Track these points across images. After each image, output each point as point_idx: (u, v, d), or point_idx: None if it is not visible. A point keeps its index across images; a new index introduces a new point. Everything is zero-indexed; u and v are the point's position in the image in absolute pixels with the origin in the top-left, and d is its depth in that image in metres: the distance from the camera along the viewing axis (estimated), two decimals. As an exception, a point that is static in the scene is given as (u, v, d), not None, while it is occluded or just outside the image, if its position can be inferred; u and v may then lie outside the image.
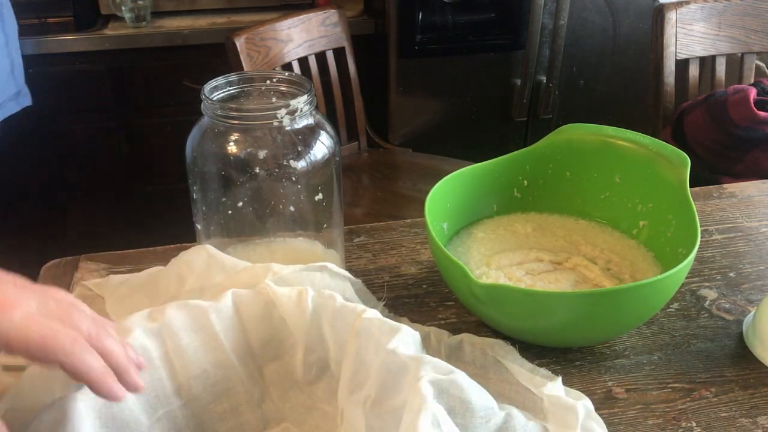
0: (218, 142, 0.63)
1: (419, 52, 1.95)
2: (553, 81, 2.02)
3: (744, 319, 0.69)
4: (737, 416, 0.58)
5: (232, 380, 0.55)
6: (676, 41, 1.50)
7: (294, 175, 0.64)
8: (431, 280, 0.75)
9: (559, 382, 0.57)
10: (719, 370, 0.63)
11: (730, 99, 1.41)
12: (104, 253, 0.79)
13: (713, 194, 0.90)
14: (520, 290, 0.62)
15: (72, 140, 1.82)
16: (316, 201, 0.66)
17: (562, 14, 1.90)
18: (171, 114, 1.83)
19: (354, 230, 0.83)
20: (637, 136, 0.75)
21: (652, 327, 0.68)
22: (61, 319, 0.45)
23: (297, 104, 0.62)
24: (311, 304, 0.56)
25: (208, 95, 0.63)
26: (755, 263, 0.77)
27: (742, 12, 1.54)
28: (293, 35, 1.59)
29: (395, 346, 0.51)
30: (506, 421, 0.51)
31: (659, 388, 0.61)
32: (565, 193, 0.79)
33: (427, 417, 0.46)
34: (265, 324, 0.57)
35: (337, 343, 0.56)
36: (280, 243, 0.69)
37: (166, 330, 0.53)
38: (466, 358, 0.62)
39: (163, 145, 1.85)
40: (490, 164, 0.76)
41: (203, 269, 0.63)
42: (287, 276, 0.60)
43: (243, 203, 0.66)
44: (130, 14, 1.75)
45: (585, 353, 0.65)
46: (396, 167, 1.86)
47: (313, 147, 0.64)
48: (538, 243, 0.75)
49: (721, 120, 1.42)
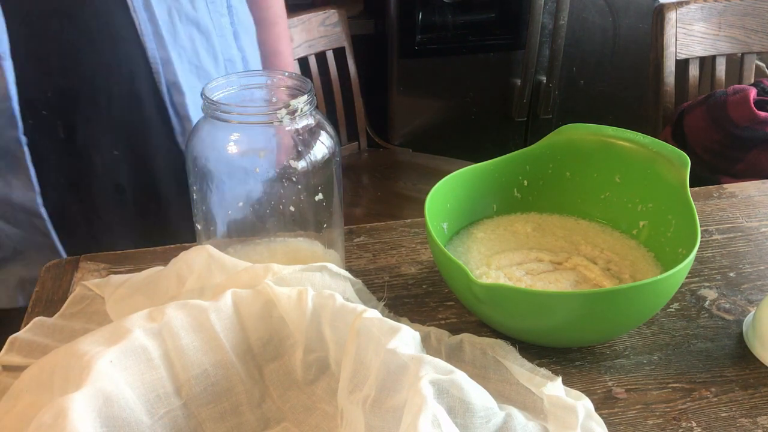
0: (218, 142, 0.63)
1: (419, 52, 1.95)
2: (553, 81, 2.02)
3: (744, 319, 0.69)
4: (737, 416, 0.58)
5: (232, 380, 0.55)
6: (676, 41, 1.50)
7: (294, 175, 0.64)
8: (431, 280, 0.75)
9: (559, 382, 0.57)
10: (719, 370, 0.63)
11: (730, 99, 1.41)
12: (104, 253, 0.79)
13: (713, 194, 0.90)
14: (520, 290, 0.62)
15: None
16: (316, 201, 0.66)
17: (562, 14, 1.90)
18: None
19: (354, 230, 0.83)
20: (637, 136, 0.75)
21: (652, 327, 0.68)
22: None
23: (297, 104, 0.62)
24: (311, 304, 0.56)
25: (208, 95, 0.63)
26: (755, 263, 0.77)
27: (742, 12, 1.54)
28: (293, 35, 1.59)
29: (395, 345, 0.51)
30: (506, 421, 0.51)
31: (659, 388, 0.61)
32: (565, 193, 0.79)
33: (427, 417, 0.46)
34: (265, 324, 0.57)
35: (337, 343, 0.56)
36: (280, 243, 0.69)
37: (166, 330, 0.53)
38: (466, 358, 0.62)
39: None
40: (490, 164, 0.76)
41: (203, 269, 0.63)
42: (287, 276, 0.60)
43: (243, 203, 0.66)
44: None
45: (585, 353, 0.65)
46: (396, 167, 1.86)
47: (313, 147, 0.64)
48: (538, 243, 0.75)
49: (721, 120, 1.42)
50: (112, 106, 0.85)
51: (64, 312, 0.68)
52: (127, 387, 0.50)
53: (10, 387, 0.55)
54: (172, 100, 0.88)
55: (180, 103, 0.89)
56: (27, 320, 0.67)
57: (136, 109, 0.87)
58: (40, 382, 0.53)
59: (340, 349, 0.56)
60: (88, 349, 0.51)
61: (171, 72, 0.87)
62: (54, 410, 0.46)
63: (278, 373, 0.58)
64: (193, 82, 0.89)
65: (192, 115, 0.90)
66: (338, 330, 0.56)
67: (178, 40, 0.87)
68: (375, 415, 0.50)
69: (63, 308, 0.68)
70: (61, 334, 0.65)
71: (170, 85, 0.87)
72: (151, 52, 0.85)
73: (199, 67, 0.90)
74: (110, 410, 0.49)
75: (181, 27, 0.88)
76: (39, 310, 0.70)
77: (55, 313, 0.68)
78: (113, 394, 0.49)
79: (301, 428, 0.57)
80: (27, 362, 0.60)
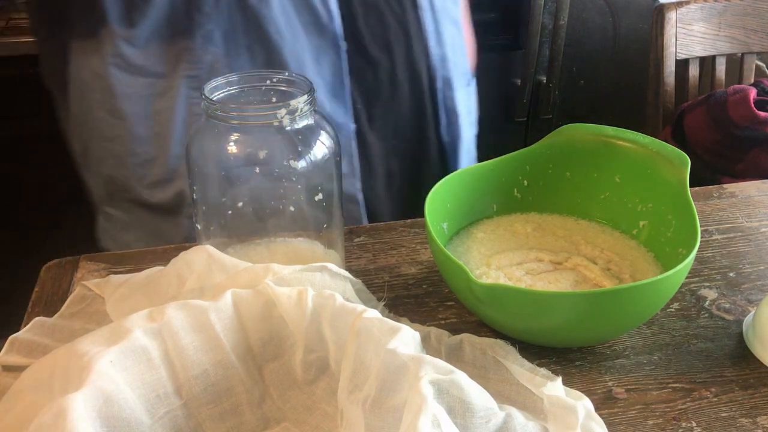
0: (218, 142, 0.63)
1: (419, 52, 1.94)
2: (553, 81, 2.02)
3: (744, 319, 0.69)
4: (737, 416, 0.58)
5: (232, 380, 0.55)
6: (676, 41, 1.50)
7: (294, 175, 0.64)
8: (431, 280, 0.75)
9: (559, 382, 0.57)
10: (719, 370, 0.63)
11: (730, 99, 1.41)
12: (104, 253, 0.79)
13: (713, 194, 0.90)
14: (520, 290, 0.62)
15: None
16: (316, 201, 0.66)
17: (562, 14, 1.90)
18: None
19: (354, 230, 0.83)
20: (637, 136, 0.75)
21: (652, 327, 0.68)
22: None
23: (297, 104, 0.62)
24: (311, 304, 0.56)
25: (208, 95, 0.63)
26: (755, 263, 0.77)
27: (742, 12, 1.54)
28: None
29: (395, 345, 0.51)
30: (506, 422, 0.51)
31: (659, 388, 0.61)
32: (565, 193, 0.79)
33: (427, 417, 0.46)
34: (264, 324, 0.57)
35: (336, 343, 0.56)
36: (280, 243, 0.69)
37: (166, 330, 0.53)
38: (466, 358, 0.62)
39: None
40: (490, 164, 0.76)
41: (203, 269, 0.63)
42: (287, 276, 0.60)
43: (243, 203, 0.66)
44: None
45: (585, 353, 0.65)
46: (396, 167, 1.85)
47: (313, 147, 0.64)
48: (538, 243, 0.75)
49: (721, 120, 1.42)
50: (401, 98, 0.91)
51: (64, 312, 0.68)
52: (127, 387, 0.50)
53: (10, 387, 0.55)
54: (444, 95, 0.95)
55: (450, 97, 0.96)
56: (27, 320, 0.67)
57: (417, 101, 0.93)
58: (40, 382, 0.53)
59: (340, 349, 0.56)
60: (88, 349, 0.51)
61: (446, 68, 0.94)
62: (54, 410, 0.46)
63: (278, 373, 0.58)
64: (458, 77, 0.97)
65: (459, 109, 0.97)
66: (338, 330, 0.56)
67: (446, 38, 0.94)
68: (375, 415, 0.50)
69: (63, 308, 0.68)
70: (61, 334, 0.65)
71: (444, 81, 0.94)
72: (432, 49, 0.92)
73: (456, 63, 0.97)
74: (110, 410, 0.49)
75: (446, 25, 0.94)
76: (39, 310, 0.70)
77: (55, 313, 0.68)
78: (113, 394, 0.49)
79: (301, 428, 0.57)
80: (27, 362, 0.59)
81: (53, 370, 0.52)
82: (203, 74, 0.82)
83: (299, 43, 0.84)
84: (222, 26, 0.81)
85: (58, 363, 0.52)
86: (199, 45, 0.81)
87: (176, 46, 0.82)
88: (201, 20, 0.80)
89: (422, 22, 0.91)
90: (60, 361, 0.52)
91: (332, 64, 0.86)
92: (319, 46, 0.85)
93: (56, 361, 0.52)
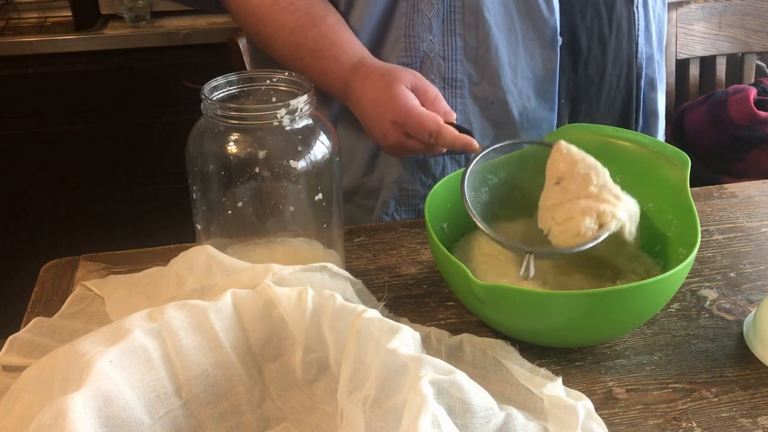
0: (218, 142, 0.63)
1: (419, 52, 1.94)
2: (553, 81, 2.01)
3: (744, 319, 0.69)
4: (738, 416, 0.58)
5: (232, 380, 0.55)
6: (676, 41, 1.50)
7: (294, 175, 0.64)
8: (431, 280, 0.75)
9: (559, 382, 0.57)
10: (720, 370, 0.63)
11: (730, 99, 1.41)
12: (104, 253, 0.79)
13: (713, 194, 0.90)
14: (520, 290, 0.62)
15: (72, 140, 1.82)
16: (316, 201, 0.66)
17: (562, 14, 1.90)
18: (171, 114, 1.83)
19: (354, 230, 0.83)
20: (637, 136, 0.75)
21: (652, 327, 0.68)
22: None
23: (297, 104, 0.62)
24: (311, 304, 0.56)
25: (208, 95, 0.63)
26: (756, 263, 0.77)
27: (742, 12, 1.54)
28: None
29: (395, 346, 0.51)
30: (506, 422, 0.51)
31: (660, 389, 0.61)
32: (566, 193, 0.78)
33: (427, 417, 0.46)
34: (264, 324, 0.57)
35: (336, 343, 0.56)
36: (280, 243, 0.69)
37: (166, 330, 0.53)
38: (466, 358, 0.62)
39: (163, 145, 1.84)
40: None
41: (203, 269, 0.63)
42: (287, 276, 0.60)
43: (243, 203, 0.66)
44: (129, 14, 1.75)
45: (585, 353, 0.65)
46: (396, 167, 1.85)
47: (313, 147, 0.64)
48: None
49: (722, 120, 1.42)
50: (607, 96, 0.89)
51: (63, 312, 0.68)
52: (127, 387, 0.50)
53: (10, 387, 0.55)
54: (646, 95, 0.92)
55: (652, 98, 0.93)
56: (27, 320, 0.67)
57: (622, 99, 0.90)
58: (40, 382, 0.53)
59: (340, 349, 0.56)
60: (88, 349, 0.51)
61: (651, 68, 0.91)
62: (54, 410, 0.46)
63: (278, 373, 0.58)
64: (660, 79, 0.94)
65: (659, 112, 0.94)
66: (338, 330, 0.56)
67: (654, 36, 0.91)
68: (375, 416, 0.50)
69: (63, 308, 0.68)
70: (61, 334, 0.65)
71: (648, 81, 0.91)
72: (640, 47, 0.89)
73: (659, 63, 0.94)
74: (110, 410, 0.49)
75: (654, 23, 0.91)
76: (39, 310, 0.70)
77: (55, 313, 0.68)
78: (113, 394, 0.49)
79: (301, 428, 0.57)
80: (27, 362, 0.59)
81: (53, 370, 0.52)
82: (416, 63, 0.81)
83: (513, 35, 0.81)
84: (440, 14, 0.80)
85: (58, 363, 0.52)
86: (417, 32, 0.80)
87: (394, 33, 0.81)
88: (422, 6, 0.79)
89: (634, 18, 0.87)
90: (60, 361, 0.52)
91: (546, 59, 0.84)
92: (534, 40, 0.83)
93: (56, 361, 0.52)
